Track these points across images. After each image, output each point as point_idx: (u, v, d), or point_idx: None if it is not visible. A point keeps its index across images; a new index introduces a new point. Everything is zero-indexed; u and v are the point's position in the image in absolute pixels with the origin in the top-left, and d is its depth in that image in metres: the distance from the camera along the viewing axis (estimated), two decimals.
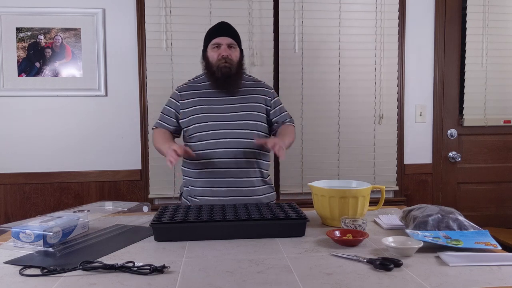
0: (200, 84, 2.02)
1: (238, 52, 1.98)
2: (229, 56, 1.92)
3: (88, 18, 2.64)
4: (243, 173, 1.91)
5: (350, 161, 2.85)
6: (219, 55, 1.92)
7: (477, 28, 2.90)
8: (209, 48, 1.97)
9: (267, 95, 2.02)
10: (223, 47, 1.93)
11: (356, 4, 2.79)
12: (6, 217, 2.65)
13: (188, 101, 1.98)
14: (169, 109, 2.02)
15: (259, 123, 1.96)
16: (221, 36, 1.94)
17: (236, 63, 1.95)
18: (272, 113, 2.02)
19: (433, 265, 1.17)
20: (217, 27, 2.00)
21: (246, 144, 1.91)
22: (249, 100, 1.98)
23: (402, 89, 2.89)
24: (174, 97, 2.03)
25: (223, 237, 1.42)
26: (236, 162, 1.90)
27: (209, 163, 1.90)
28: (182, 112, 1.98)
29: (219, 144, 1.90)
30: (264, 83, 2.09)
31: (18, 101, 2.64)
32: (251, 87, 2.02)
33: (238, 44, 1.99)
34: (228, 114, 1.93)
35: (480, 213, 2.99)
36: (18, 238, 1.33)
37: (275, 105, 2.03)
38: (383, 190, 1.66)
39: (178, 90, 2.03)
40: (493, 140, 3.00)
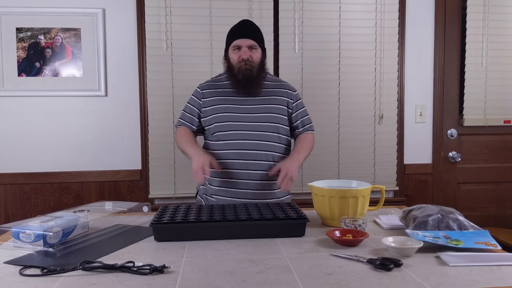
0: (223, 82, 2.00)
1: (260, 53, 1.95)
2: (250, 59, 1.90)
3: (88, 18, 2.64)
4: (260, 176, 1.90)
5: (350, 161, 2.85)
6: (239, 58, 1.90)
7: (477, 28, 2.90)
8: (230, 49, 1.95)
9: (289, 97, 2.00)
10: (243, 50, 1.90)
11: (356, 4, 2.80)
12: (6, 217, 2.65)
13: (210, 100, 1.96)
14: (192, 107, 2.01)
15: (280, 125, 1.95)
16: (242, 38, 1.91)
17: (257, 64, 1.92)
18: (293, 116, 2.00)
19: (433, 265, 1.17)
20: (238, 28, 1.96)
21: (265, 147, 1.90)
22: (271, 101, 1.95)
23: (402, 89, 2.89)
24: (196, 95, 2.01)
25: (223, 237, 1.42)
26: (254, 164, 1.89)
27: (227, 163, 1.90)
28: (203, 111, 1.97)
29: (238, 145, 1.89)
30: (287, 84, 2.05)
31: (18, 101, 2.64)
32: (273, 88, 1.99)
33: (259, 45, 1.95)
34: (249, 115, 1.91)
35: (480, 213, 2.99)
36: (18, 238, 1.33)
37: (297, 108, 2.01)
38: (383, 190, 1.66)
39: (200, 88, 2.01)
40: (493, 140, 3.00)
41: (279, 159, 1.93)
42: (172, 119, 2.70)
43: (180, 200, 2.75)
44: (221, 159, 1.92)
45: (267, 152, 1.91)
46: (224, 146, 1.91)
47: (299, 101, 2.03)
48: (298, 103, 2.03)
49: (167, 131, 2.70)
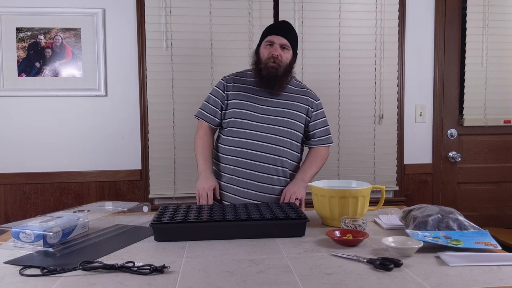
0: (247, 78, 1.99)
1: (290, 54, 1.94)
2: (279, 57, 1.89)
3: (88, 18, 2.64)
4: (264, 178, 1.91)
5: (350, 161, 2.85)
6: (269, 53, 1.89)
7: (477, 28, 2.90)
8: (262, 45, 1.94)
9: (310, 105, 1.99)
10: (275, 46, 1.90)
11: (356, 4, 2.80)
12: (6, 217, 2.65)
13: (232, 93, 1.96)
14: (215, 99, 1.99)
15: (294, 132, 1.94)
16: (277, 35, 1.91)
17: (285, 65, 1.91)
18: (311, 125, 1.99)
19: (433, 265, 1.17)
20: (275, 25, 1.98)
21: (275, 151, 1.90)
22: (291, 106, 1.95)
23: (402, 89, 2.89)
24: (220, 87, 2.00)
25: (223, 237, 1.42)
26: (260, 166, 1.90)
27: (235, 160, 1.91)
28: (226, 104, 1.97)
29: (248, 144, 1.90)
30: (311, 92, 2.04)
31: (18, 101, 2.64)
32: (296, 94, 1.98)
33: (292, 46, 1.94)
34: (265, 116, 1.91)
35: (480, 213, 2.99)
36: (18, 238, 1.33)
37: (316, 117, 2.00)
38: (383, 190, 1.66)
39: (224, 80, 2.01)
40: (493, 140, 3.00)
41: (288, 165, 1.94)
42: (172, 119, 2.70)
43: (180, 200, 2.75)
44: (229, 154, 1.93)
45: (275, 156, 1.91)
46: (235, 143, 1.91)
47: (319, 111, 2.02)
48: (318, 113, 2.01)
49: (167, 131, 2.71)
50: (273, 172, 1.91)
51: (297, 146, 1.98)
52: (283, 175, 1.94)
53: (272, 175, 1.91)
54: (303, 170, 1.96)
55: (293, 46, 1.95)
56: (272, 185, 1.92)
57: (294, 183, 1.90)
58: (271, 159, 1.90)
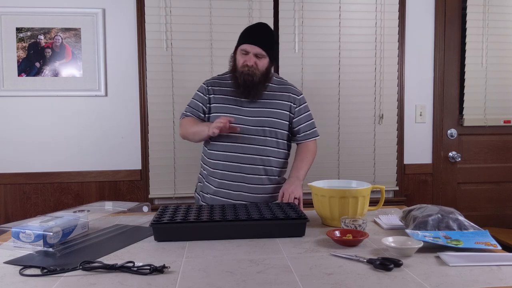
0: (228, 81, 1.99)
1: (266, 61, 1.92)
2: (254, 65, 1.89)
3: (88, 18, 2.64)
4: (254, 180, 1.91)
5: (350, 161, 2.85)
6: (244, 62, 1.90)
7: (477, 28, 2.89)
8: (238, 50, 1.94)
9: (293, 101, 1.99)
10: (249, 56, 1.89)
11: (356, 4, 2.79)
12: (6, 217, 2.65)
13: (214, 97, 1.97)
14: (197, 102, 2.00)
15: (279, 130, 1.95)
16: (251, 44, 1.89)
17: (261, 72, 1.90)
18: (295, 121, 1.99)
19: (433, 265, 1.17)
20: (251, 32, 1.94)
21: (261, 151, 1.91)
22: (273, 105, 1.95)
23: (402, 89, 2.89)
24: (202, 91, 2.01)
25: (223, 237, 1.42)
26: (249, 168, 1.90)
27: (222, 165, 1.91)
28: (208, 107, 1.98)
29: (234, 148, 1.90)
30: (292, 88, 2.03)
31: (18, 101, 2.64)
32: (278, 91, 1.98)
33: (268, 53, 1.92)
34: (248, 118, 1.91)
35: (480, 213, 2.99)
36: (18, 238, 1.33)
37: (299, 113, 2.00)
38: (383, 190, 1.66)
39: (206, 84, 2.01)
40: (493, 140, 3.00)
41: (275, 164, 1.95)
42: (172, 119, 2.70)
43: (180, 200, 2.75)
44: (217, 160, 1.93)
45: (263, 157, 1.92)
46: (221, 147, 1.91)
47: (302, 106, 2.01)
48: (301, 108, 2.01)
49: (167, 131, 2.70)
50: (262, 172, 1.92)
51: (284, 144, 1.98)
52: (272, 174, 1.95)
53: (261, 175, 1.92)
54: (296, 168, 1.96)
55: (269, 52, 1.93)
56: (263, 185, 1.93)
57: (290, 182, 1.90)
58: (258, 160, 1.91)
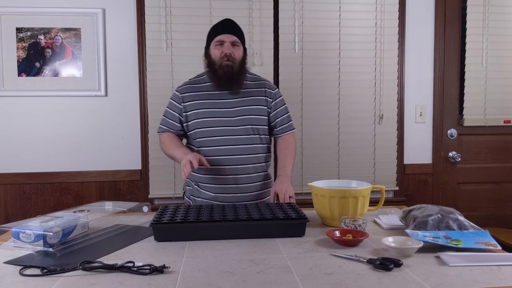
0: (201, 84, 1.97)
1: (242, 50, 1.94)
2: (232, 54, 1.88)
3: (88, 18, 2.64)
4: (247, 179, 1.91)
5: (350, 161, 2.85)
6: (222, 53, 1.88)
7: (477, 28, 2.89)
8: (212, 45, 1.93)
9: (268, 96, 1.99)
10: (226, 45, 1.89)
11: (356, 4, 2.79)
12: (6, 217, 2.65)
13: (190, 104, 1.94)
14: (173, 113, 1.97)
15: (261, 127, 1.95)
16: (225, 34, 1.90)
17: (239, 61, 1.90)
18: (272, 115, 1.99)
19: (433, 265, 1.17)
20: (221, 24, 1.95)
21: (249, 150, 1.91)
22: (251, 102, 1.95)
23: (402, 89, 2.89)
24: (176, 100, 1.97)
25: (223, 237, 1.42)
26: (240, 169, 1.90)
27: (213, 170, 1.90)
28: (185, 116, 1.95)
29: (222, 151, 1.89)
30: (266, 83, 2.04)
31: (18, 101, 2.64)
32: (253, 88, 1.98)
33: (242, 42, 1.95)
34: (230, 119, 1.90)
35: (480, 213, 2.99)
36: (18, 238, 1.33)
37: (276, 107, 2.00)
38: (383, 190, 1.66)
39: (179, 92, 1.98)
40: (493, 140, 3.00)
41: (264, 159, 1.97)
42: None
43: (180, 200, 2.74)
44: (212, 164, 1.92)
45: (251, 155, 1.92)
46: (208, 152, 1.90)
47: (278, 99, 2.02)
48: (277, 101, 2.01)
49: None
50: (252, 171, 1.93)
51: (266, 138, 1.99)
52: (262, 170, 1.96)
53: (252, 174, 1.93)
54: (283, 166, 1.96)
55: (243, 42, 1.96)
56: (254, 183, 1.94)
57: (281, 181, 1.88)
58: (247, 159, 1.91)
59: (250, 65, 2.69)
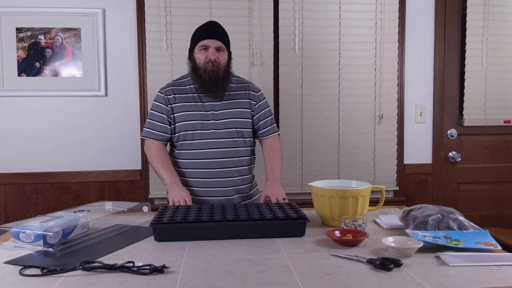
0: (186, 87, 1.95)
1: (226, 55, 1.92)
2: (217, 60, 1.86)
3: (88, 18, 2.64)
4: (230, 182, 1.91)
5: (350, 161, 2.85)
6: (206, 58, 1.86)
7: (477, 28, 2.89)
8: (196, 49, 1.90)
9: (252, 98, 1.98)
10: (211, 50, 1.87)
11: (356, 4, 2.79)
12: (6, 217, 2.65)
13: (176, 106, 1.91)
14: (161, 115, 1.92)
15: (245, 130, 1.94)
16: (210, 39, 1.87)
17: (223, 66, 1.89)
18: (255, 118, 1.98)
19: (433, 265, 1.17)
20: (205, 28, 1.92)
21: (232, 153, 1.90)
22: (235, 105, 1.94)
23: (402, 89, 2.89)
24: (162, 101, 1.92)
25: (223, 237, 1.42)
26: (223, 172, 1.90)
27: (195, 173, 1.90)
28: (172, 117, 1.92)
29: (205, 154, 1.88)
30: (250, 85, 2.02)
31: (18, 101, 2.64)
32: (237, 90, 1.97)
33: (226, 47, 1.93)
34: (214, 122, 1.89)
35: (480, 213, 2.99)
36: (18, 238, 1.33)
37: (259, 109, 1.99)
38: (383, 190, 1.66)
39: (163, 94, 1.93)
40: (493, 140, 3.00)
41: (246, 162, 1.95)
42: None
43: None
44: (188, 168, 1.91)
45: (235, 158, 1.91)
46: (191, 156, 1.89)
47: (261, 102, 2.00)
48: (261, 104, 2.00)
49: None
50: (236, 174, 1.92)
51: (250, 141, 1.98)
52: (245, 173, 1.95)
53: (235, 177, 1.92)
54: (271, 169, 1.95)
55: (227, 46, 1.94)
56: (237, 186, 1.93)
57: (271, 184, 1.88)
58: (231, 162, 1.90)
59: (250, 65, 2.70)
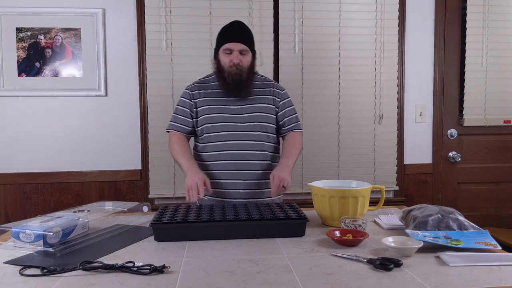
0: (211, 83, 2.00)
1: (250, 56, 1.95)
2: (240, 63, 1.90)
3: (88, 18, 2.64)
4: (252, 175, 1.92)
5: (350, 161, 2.85)
6: (230, 62, 1.90)
7: (477, 28, 2.89)
8: (221, 51, 1.94)
9: (276, 96, 2.00)
10: (234, 54, 1.90)
11: (356, 4, 2.79)
12: (6, 217, 2.65)
13: (200, 100, 1.97)
14: (184, 109, 1.99)
15: (269, 124, 1.96)
16: (234, 42, 1.90)
17: (247, 68, 1.92)
18: (279, 114, 2.00)
19: (433, 265, 1.17)
20: (230, 30, 1.95)
21: (256, 147, 1.92)
22: (259, 101, 1.97)
23: (402, 89, 2.89)
24: (186, 97, 2.00)
25: (223, 237, 1.42)
26: (246, 164, 1.91)
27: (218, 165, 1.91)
28: (195, 111, 1.97)
29: (229, 146, 1.90)
30: (275, 84, 2.07)
31: (18, 101, 2.64)
32: (261, 88, 2.00)
33: (250, 48, 1.95)
34: (238, 116, 1.92)
35: (480, 213, 2.99)
36: (18, 238, 1.33)
37: (283, 107, 2.01)
38: (383, 190, 1.66)
39: (189, 89, 2.01)
40: (493, 140, 3.00)
41: (270, 158, 1.96)
42: None
43: (180, 200, 2.75)
44: (212, 160, 1.93)
45: (258, 152, 1.92)
46: (214, 148, 1.91)
47: (286, 100, 2.03)
48: (285, 102, 2.02)
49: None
50: (258, 168, 1.93)
51: (274, 138, 2.00)
52: (267, 168, 1.95)
53: (257, 171, 1.93)
54: (286, 155, 1.95)
55: (251, 48, 1.96)
56: (258, 180, 1.93)
57: (281, 168, 1.87)
58: (254, 155, 1.91)
59: None
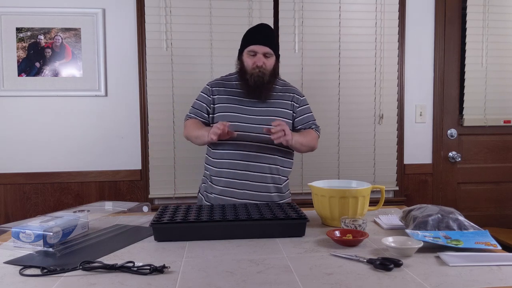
0: (232, 82, 2.02)
1: (274, 59, 1.96)
2: (264, 66, 1.91)
3: (88, 18, 2.64)
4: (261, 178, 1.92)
5: (350, 161, 2.85)
6: (253, 64, 1.91)
7: (477, 28, 2.89)
8: (245, 52, 1.95)
9: (295, 101, 2.02)
10: (258, 56, 1.91)
11: (356, 4, 2.79)
12: (6, 217, 2.65)
13: (218, 97, 1.99)
14: (201, 103, 2.02)
15: None
16: (258, 44, 1.91)
17: (269, 71, 1.93)
18: (297, 120, 2.01)
19: (433, 265, 1.17)
20: (255, 32, 1.96)
21: (268, 150, 1.92)
22: (277, 105, 1.98)
23: (402, 89, 2.89)
24: (206, 92, 2.03)
25: (223, 237, 1.42)
26: (256, 166, 1.92)
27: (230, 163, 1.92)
28: (212, 107, 1.99)
29: (241, 146, 1.91)
30: (295, 89, 2.07)
31: (18, 101, 2.64)
32: (280, 92, 2.01)
33: (275, 51, 1.96)
34: (255, 117, 1.93)
35: (480, 213, 2.99)
36: (18, 238, 1.33)
37: (302, 113, 2.02)
38: (383, 190, 1.66)
39: (209, 85, 2.03)
40: (493, 140, 3.00)
41: (280, 163, 1.96)
42: (172, 119, 2.70)
43: (180, 200, 2.75)
44: (223, 158, 1.93)
45: (268, 155, 1.93)
46: (227, 146, 1.92)
47: (304, 107, 2.04)
48: (304, 108, 2.03)
49: (167, 131, 2.70)
50: (267, 171, 1.93)
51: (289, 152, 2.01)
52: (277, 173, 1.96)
53: (266, 174, 1.94)
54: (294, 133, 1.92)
55: (275, 51, 1.97)
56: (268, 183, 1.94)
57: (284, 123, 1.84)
58: (264, 158, 1.93)
59: None
